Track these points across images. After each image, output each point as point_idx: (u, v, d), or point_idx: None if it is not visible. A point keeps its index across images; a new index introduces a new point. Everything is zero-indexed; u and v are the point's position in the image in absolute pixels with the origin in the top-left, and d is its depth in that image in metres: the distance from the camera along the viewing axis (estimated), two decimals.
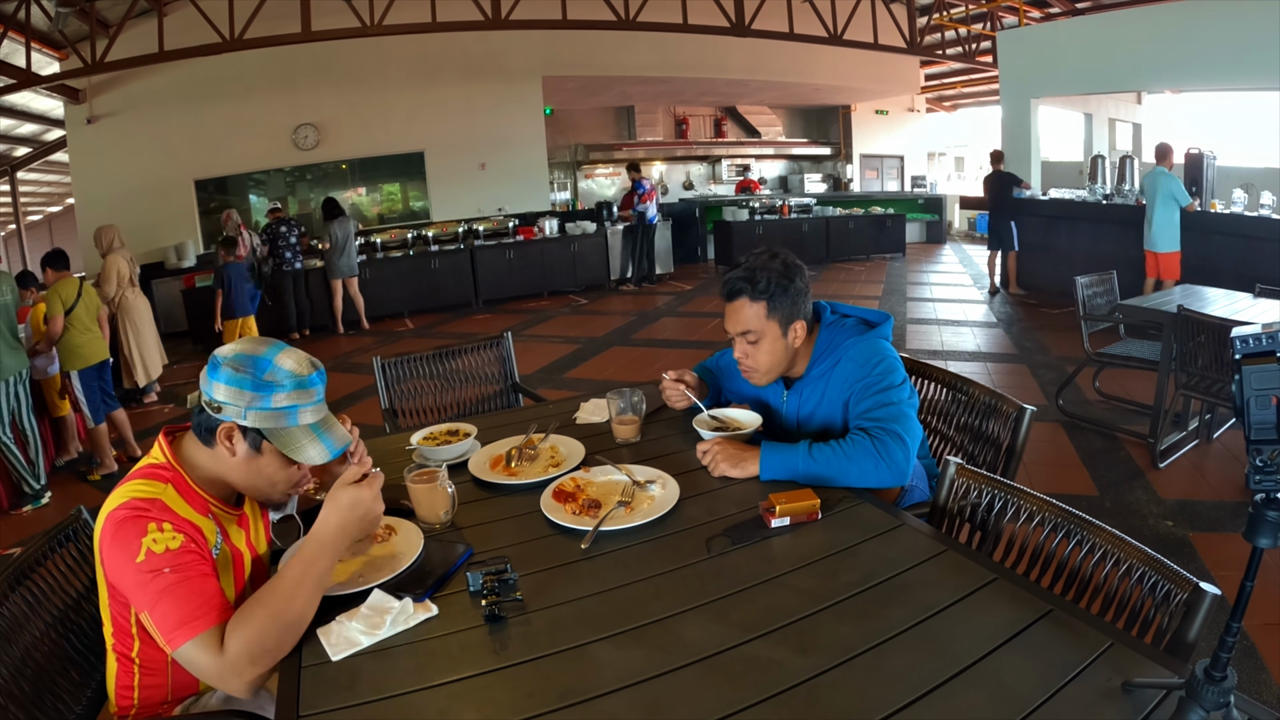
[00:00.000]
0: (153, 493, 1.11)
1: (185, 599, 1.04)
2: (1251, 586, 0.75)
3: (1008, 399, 1.80)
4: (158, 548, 1.05)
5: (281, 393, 1.14)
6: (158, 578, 1.04)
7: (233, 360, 1.13)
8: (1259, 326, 0.74)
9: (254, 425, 1.14)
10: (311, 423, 1.18)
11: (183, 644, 1.03)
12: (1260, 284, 3.82)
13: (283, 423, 1.15)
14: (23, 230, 12.32)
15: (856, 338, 1.63)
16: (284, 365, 1.15)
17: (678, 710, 0.89)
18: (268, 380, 1.13)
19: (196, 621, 1.03)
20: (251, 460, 1.17)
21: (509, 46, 9.00)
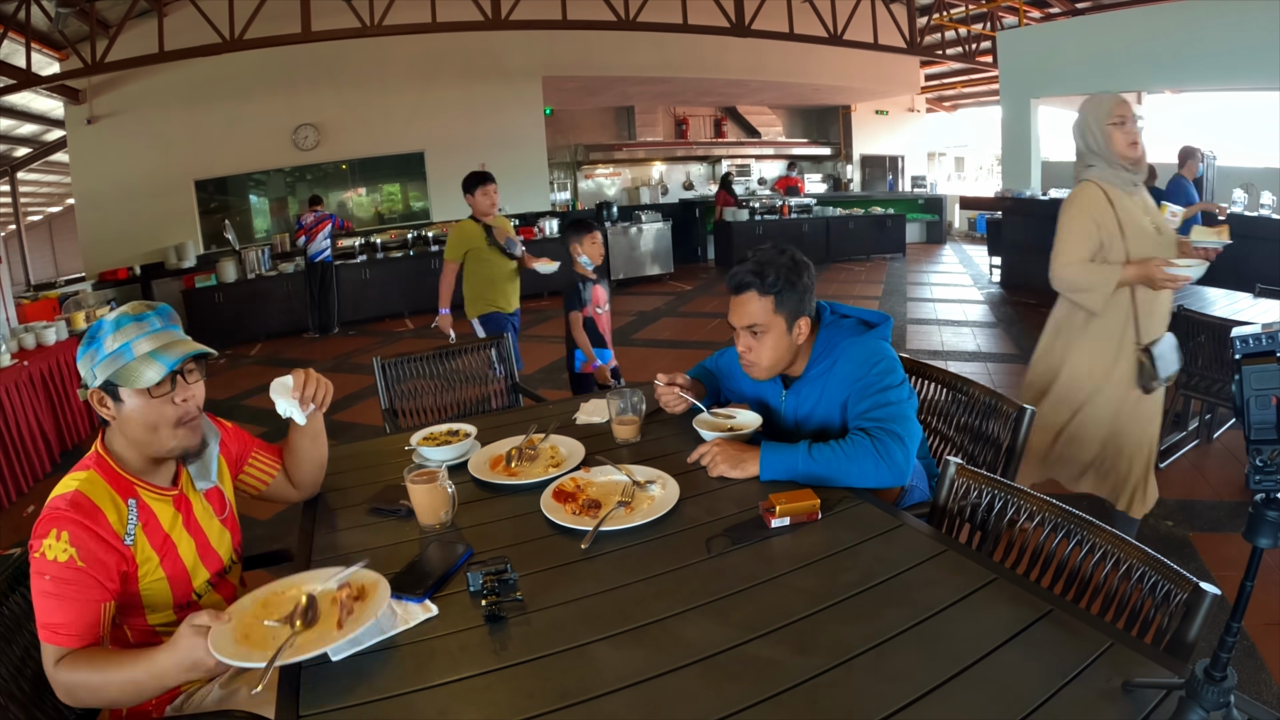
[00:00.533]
0: (74, 485, 1.17)
1: (51, 611, 1.11)
2: (1251, 586, 0.75)
3: (1007, 399, 1.80)
4: (49, 554, 1.11)
5: (107, 336, 1.19)
6: (39, 580, 1.11)
7: (85, 335, 1.21)
8: (1259, 326, 0.74)
9: (103, 380, 1.18)
10: (149, 350, 1.19)
11: (44, 646, 1.12)
12: (1260, 284, 3.82)
13: (121, 362, 1.18)
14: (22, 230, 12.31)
15: (855, 338, 1.63)
16: (108, 317, 1.21)
17: (678, 710, 0.89)
18: (96, 335, 1.19)
19: (53, 635, 1.11)
20: (122, 413, 1.20)
21: (509, 46, 9.00)
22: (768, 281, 1.58)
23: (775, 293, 1.59)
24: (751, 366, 1.67)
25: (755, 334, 1.62)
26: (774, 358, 1.64)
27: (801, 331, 1.63)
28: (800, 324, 1.63)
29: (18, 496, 3.86)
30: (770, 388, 1.76)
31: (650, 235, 9.73)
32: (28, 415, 4.08)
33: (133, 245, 8.04)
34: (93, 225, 8.12)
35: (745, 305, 1.62)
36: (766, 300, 1.59)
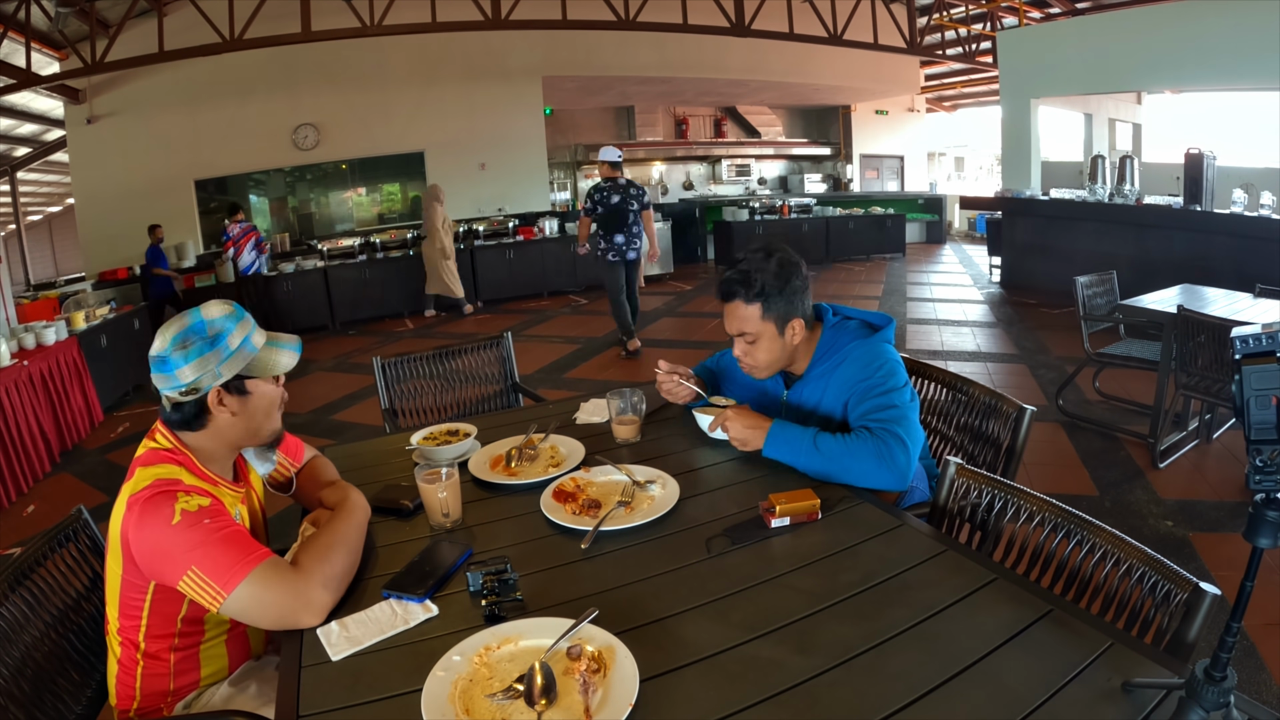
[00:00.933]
0: (173, 473, 1.17)
1: (231, 544, 1.10)
2: (1251, 586, 0.74)
3: (1008, 399, 1.80)
4: (191, 507, 1.11)
5: (231, 334, 1.22)
6: (197, 529, 1.09)
7: (176, 345, 1.19)
8: (1259, 326, 0.74)
9: (231, 374, 1.21)
10: (265, 341, 1.27)
11: (240, 581, 1.07)
12: (1260, 284, 3.82)
13: (249, 355, 1.23)
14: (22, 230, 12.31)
15: (859, 340, 1.63)
16: (214, 315, 1.22)
17: (678, 710, 0.88)
18: (215, 334, 1.20)
19: (250, 559, 1.09)
20: (246, 404, 1.25)
21: (509, 46, 9.00)
22: (754, 289, 1.58)
23: (762, 299, 1.59)
24: (751, 370, 1.68)
25: (748, 340, 1.63)
26: (770, 359, 1.64)
27: (795, 332, 1.63)
28: (793, 325, 1.62)
29: (18, 496, 3.86)
30: (773, 386, 1.76)
31: None
32: (28, 415, 4.08)
33: (133, 245, 8.03)
34: (93, 225, 8.13)
35: (734, 313, 1.62)
36: (754, 307, 1.59)
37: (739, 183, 13.24)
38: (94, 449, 4.66)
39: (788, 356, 1.66)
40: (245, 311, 1.27)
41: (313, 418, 4.81)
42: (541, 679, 0.90)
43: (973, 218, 13.23)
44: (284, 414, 1.36)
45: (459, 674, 0.95)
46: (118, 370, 5.70)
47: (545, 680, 0.90)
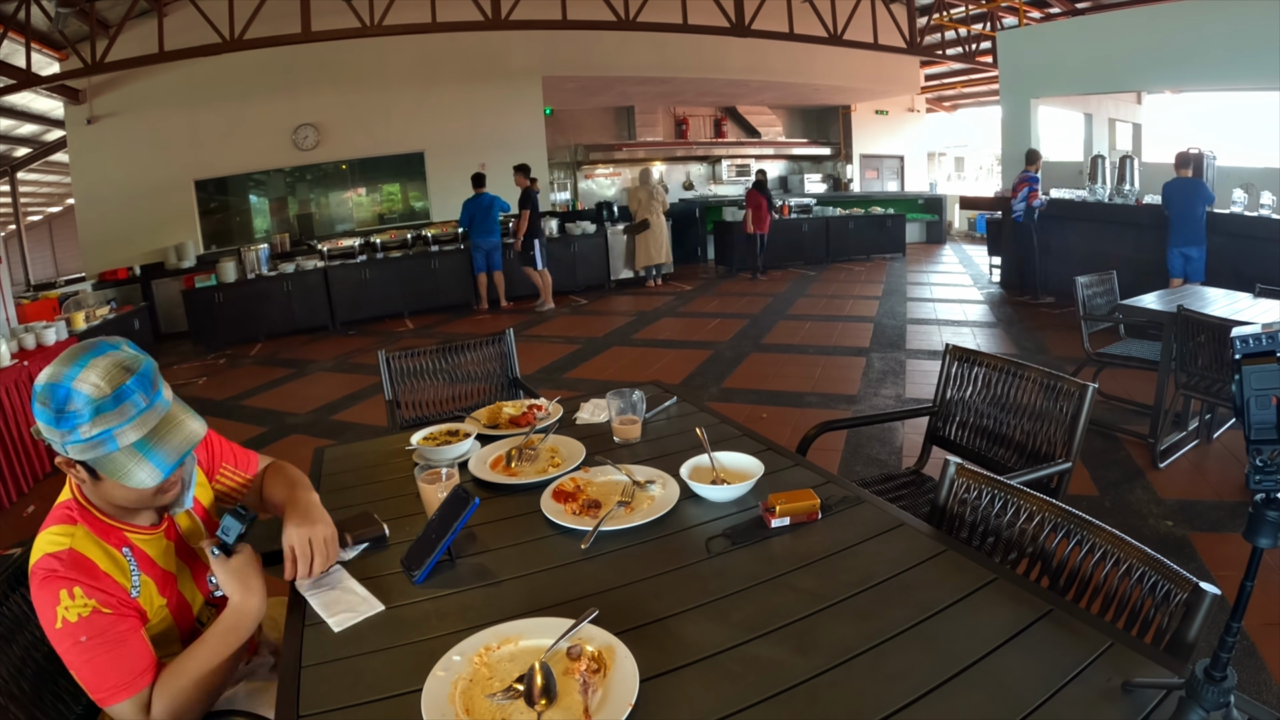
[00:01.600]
0: (65, 542, 1.08)
1: (104, 668, 1.05)
2: (1251, 586, 0.75)
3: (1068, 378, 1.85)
4: (70, 616, 1.04)
5: (83, 424, 1.02)
6: (76, 647, 1.04)
7: (40, 391, 1.04)
8: (1259, 326, 0.74)
9: (77, 458, 1.05)
10: (134, 441, 1.05)
11: (110, 705, 1.06)
12: (1260, 284, 3.82)
13: (101, 450, 1.03)
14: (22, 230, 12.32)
15: None
16: (82, 390, 1.02)
17: (678, 710, 0.88)
18: (69, 412, 1.02)
19: (120, 688, 1.06)
20: (100, 486, 1.09)
21: (509, 46, 9.00)
22: None
23: None
24: None
25: None
26: None
27: None
28: None
29: (18, 496, 3.86)
30: None
31: None
32: (28, 415, 4.07)
33: (133, 245, 8.04)
34: (93, 225, 8.13)
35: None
36: None
37: (739, 183, 13.22)
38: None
39: None
40: (135, 393, 1.05)
41: (313, 418, 4.81)
42: (541, 679, 0.90)
43: (973, 218, 13.23)
44: (284, 414, 1.35)
45: (459, 674, 0.95)
46: None
47: (545, 680, 0.90)
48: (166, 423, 1.08)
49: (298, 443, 4.34)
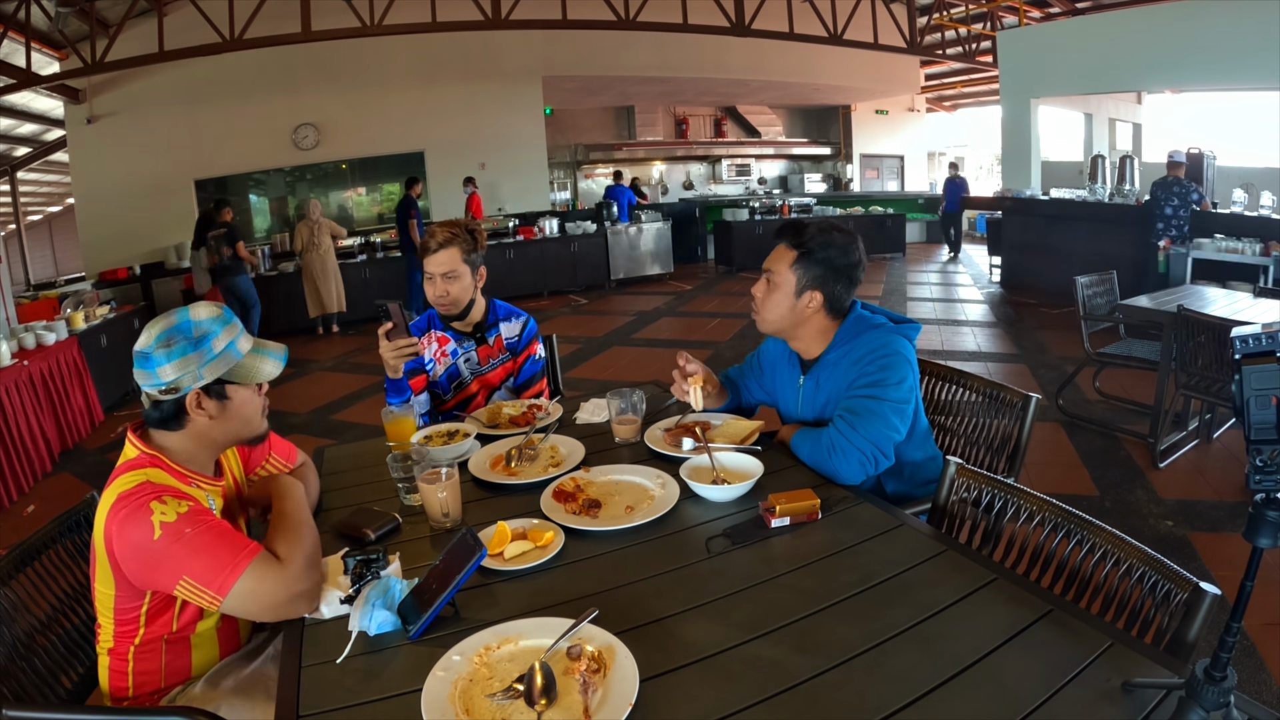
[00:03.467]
0: (138, 479, 1.14)
1: (217, 547, 1.10)
2: (1251, 586, 0.75)
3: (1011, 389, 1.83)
4: (169, 517, 1.09)
5: (217, 337, 1.20)
6: (180, 541, 1.08)
7: (160, 342, 1.17)
8: (1259, 326, 0.74)
9: (213, 378, 1.19)
10: (250, 348, 1.25)
11: (235, 583, 1.08)
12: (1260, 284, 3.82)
13: (233, 359, 1.22)
14: (22, 230, 12.31)
15: (875, 330, 1.62)
16: (201, 316, 1.21)
17: (678, 710, 0.88)
18: (200, 335, 1.19)
19: (239, 559, 1.09)
20: (225, 410, 1.23)
21: (509, 46, 8.99)
22: (800, 239, 1.61)
23: (799, 250, 1.61)
24: (756, 312, 1.70)
25: (768, 280, 1.65)
26: (771, 312, 1.65)
27: (809, 305, 1.62)
28: (811, 295, 1.62)
29: (18, 496, 3.86)
30: (789, 375, 1.77)
31: (650, 235, 9.72)
32: (28, 415, 4.08)
33: (133, 245, 8.03)
34: (93, 225, 8.13)
35: (775, 250, 1.66)
36: (789, 254, 1.62)
37: (739, 182, 13.24)
38: (94, 449, 4.66)
39: (791, 323, 1.66)
40: (234, 316, 1.26)
41: (313, 417, 4.81)
42: (541, 679, 0.89)
43: (973, 217, 13.22)
44: (284, 414, 1.37)
45: (459, 674, 0.95)
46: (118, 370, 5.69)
47: (545, 680, 0.90)
48: (259, 339, 1.29)
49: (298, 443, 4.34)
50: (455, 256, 2.02)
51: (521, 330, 2.23)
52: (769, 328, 1.70)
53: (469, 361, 2.17)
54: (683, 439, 1.64)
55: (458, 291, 2.06)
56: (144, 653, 1.22)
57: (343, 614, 1.11)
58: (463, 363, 2.16)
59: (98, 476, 4.12)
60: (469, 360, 2.17)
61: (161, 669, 1.24)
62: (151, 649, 1.22)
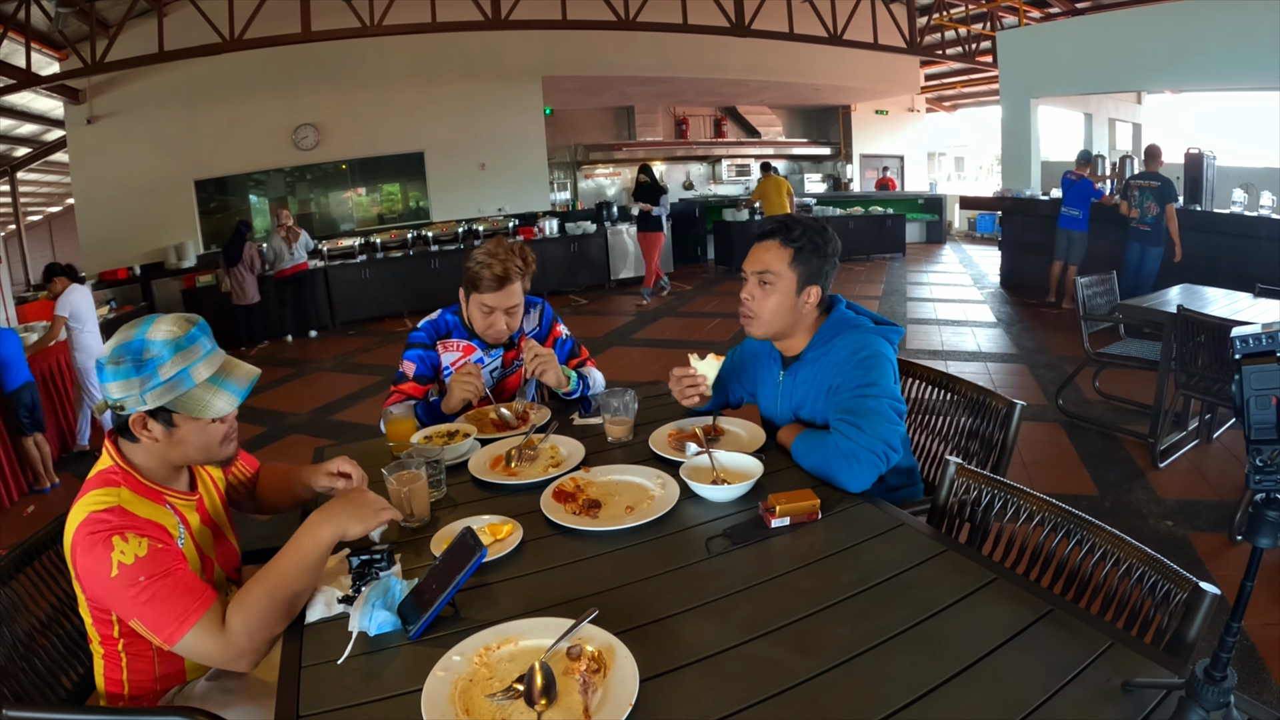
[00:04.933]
0: (110, 500, 1.12)
1: (168, 599, 1.07)
2: (1251, 586, 0.75)
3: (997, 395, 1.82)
4: (127, 559, 1.06)
5: (164, 364, 1.14)
6: (134, 587, 1.06)
7: (112, 356, 1.14)
8: (1259, 326, 0.74)
9: (156, 405, 1.14)
10: (208, 376, 1.18)
11: (181, 638, 1.07)
12: (1260, 284, 3.82)
13: (180, 389, 1.15)
14: (22, 230, 12.31)
15: (856, 330, 1.61)
16: (156, 337, 1.15)
17: (678, 710, 0.88)
18: (148, 358, 1.13)
19: (188, 615, 1.07)
20: (173, 436, 1.18)
21: (509, 46, 8.99)
22: (793, 235, 1.60)
23: (796, 248, 1.59)
24: (750, 319, 1.65)
25: (763, 283, 1.61)
26: (772, 313, 1.62)
27: (808, 300, 1.62)
28: (810, 291, 1.61)
29: (19, 496, 3.86)
30: (769, 371, 1.76)
31: None
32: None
33: (133, 245, 8.03)
34: (93, 225, 8.12)
35: (764, 252, 1.62)
36: (785, 252, 1.59)
37: (739, 183, 13.21)
38: (94, 449, 4.66)
39: (788, 322, 1.64)
40: (202, 336, 1.19)
41: (313, 417, 4.81)
42: (541, 679, 0.89)
43: (973, 218, 13.23)
44: (284, 414, 1.36)
45: (459, 674, 0.95)
46: None
47: (545, 680, 0.90)
48: (229, 362, 1.23)
49: (298, 443, 4.35)
50: (519, 290, 1.97)
51: (540, 318, 2.19)
52: (766, 331, 1.65)
53: (494, 371, 2.12)
54: (687, 443, 1.63)
55: (516, 324, 2.02)
56: (135, 654, 1.21)
57: (342, 614, 1.11)
58: (487, 373, 2.09)
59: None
60: (493, 370, 2.11)
61: (155, 671, 1.23)
62: (143, 650, 1.21)
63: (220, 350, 1.23)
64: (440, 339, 2.09)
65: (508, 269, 1.91)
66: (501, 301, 1.94)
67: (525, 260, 1.97)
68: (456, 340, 2.09)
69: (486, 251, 1.94)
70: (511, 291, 1.95)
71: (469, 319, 2.06)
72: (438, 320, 2.11)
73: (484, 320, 1.99)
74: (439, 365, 2.08)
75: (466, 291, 2.01)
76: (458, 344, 2.08)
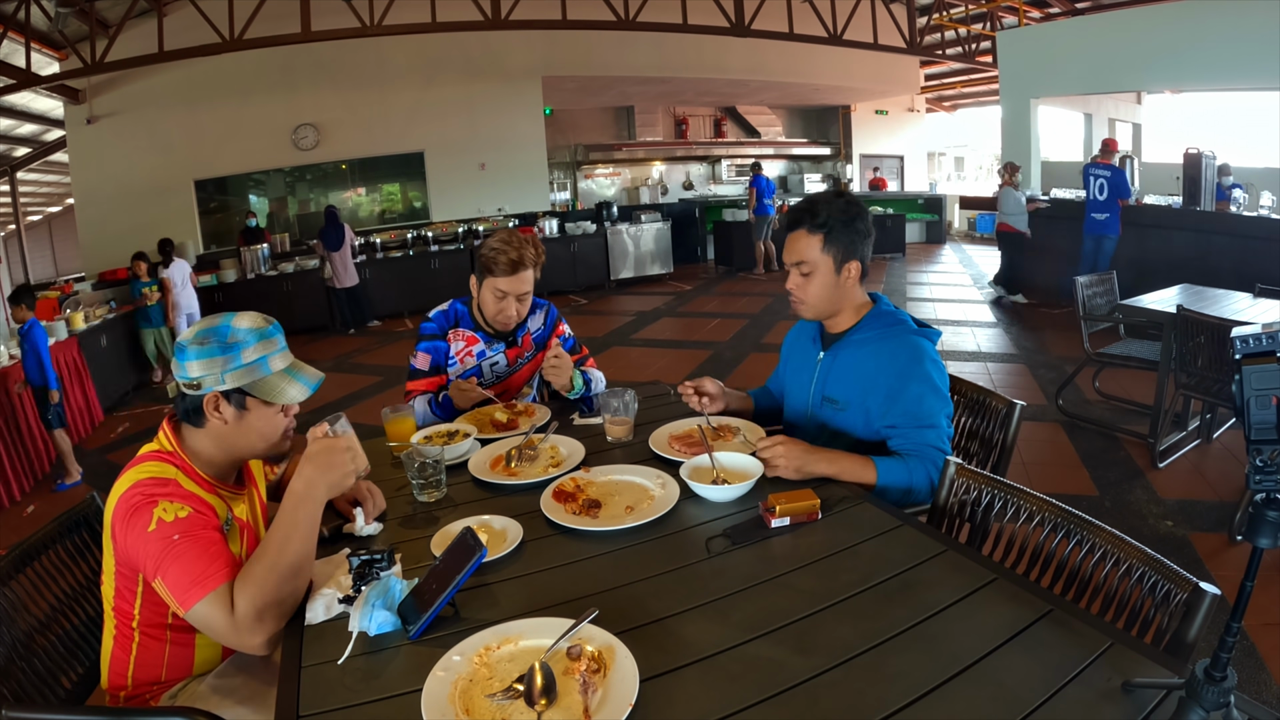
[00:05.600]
0: (165, 473, 1.18)
1: (194, 560, 1.10)
2: (1251, 586, 0.74)
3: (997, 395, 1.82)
4: (168, 516, 1.12)
5: (248, 348, 1.22)
6: (167, 543, 1.10)
7: (196, 338, 1.21)
8: (1259, 326, 0.73)
9: (234, 385, 1.21)
10: (283, 368, 1.26)
11: (195, 603, 1.09)
12: (1260, 284, 3.82)
13: (258, 374, 1.23)
14: (22, 230, 12.31)
15: (906, 331, 1.62)
16: (242, 325, 1.23)
17: (678, 710, 0.88)
18: (232, 342, 1.21)
19: (206, 580, 1.10)
20: (241, 420, 1.23)
21: (509, 46, 8.99)
22: (818, 220, 1.60)
23: (825, 231, 1.60)
24: (799, 304, 1.68)
25: (804, 272, 1.63)
26: (819, 297, 1.64)
27: (850, 275, 1.63)
28: (850, 267, 1.62)
29: (19, 496, 3.87)
30: (806, 356, 1.76)
31: (650, 235, 9.74)
32: (28, 415, 4.08)
33: (133, 245, 7.97)
34: (93, 225, 8.13)
35: (795, 242, 1.64)
36: (815, 238, 1.61)
37: (739, 183, 13.21)
38: (94, 449, 4.66)
39: (837, 300, 1.65)
40: (278, 333, 1.27)
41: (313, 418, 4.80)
42: (541, 679, 0.89)
43: (973, 218, 13.23)
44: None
45: (459, 674, 0.95)
46: (118, 370, 5.69)
47: (545, 680, 0.89)
48: (300, 363, 1.31)
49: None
50: (531, 277, 2.03)
51: (545, 319, 2.25)
52: (817, 313, 1.68)
53: (495, 366, 2.15)
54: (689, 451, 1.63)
55: (525, 311, 2.08)
56: (148, 637, 1.22)
57: (342, 614, 1.11)
58: (487, 366, 2.14)
59: (98, 476, 4.12)
60: (495, 365, 2.15)
61: (164, 661, 1.24)
62: (156, 636, 1.23)
63: (289, 352, 1.30)
64: (450, 328, 2.14)
65: (522, 255, 1.99)
66: (514, 287, 2.00)
67: (537, 249, 2.04)
68: (463, 330, 2.14)
69: (501, 239, 2.02)
70: (524, 278, 2.01)
71: (479, 305, 2.11)
72: (449, 310, 2.16)
73: (495, 305, 2.04)
74: (449, 353, 2.12)
75: (480, 277, 2.06)
76: (464, 334, 2.13)
